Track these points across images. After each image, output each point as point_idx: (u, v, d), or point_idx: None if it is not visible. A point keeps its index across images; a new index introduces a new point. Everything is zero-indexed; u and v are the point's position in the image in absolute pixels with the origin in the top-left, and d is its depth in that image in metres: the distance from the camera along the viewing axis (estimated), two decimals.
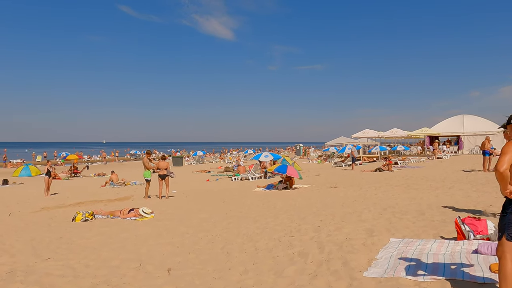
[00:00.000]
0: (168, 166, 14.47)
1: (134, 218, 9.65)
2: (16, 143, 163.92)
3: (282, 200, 11.80)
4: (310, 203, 10.84)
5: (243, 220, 8.79)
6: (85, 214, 9.68)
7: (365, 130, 40.05)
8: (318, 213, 9.18)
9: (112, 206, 12.84)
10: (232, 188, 16.88)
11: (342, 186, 14.72)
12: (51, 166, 17.39)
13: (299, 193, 13.61)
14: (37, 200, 15.47)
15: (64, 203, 13.85)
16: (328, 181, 17.61)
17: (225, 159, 45.24)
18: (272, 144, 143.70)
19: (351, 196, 12.03)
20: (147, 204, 12.79)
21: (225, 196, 13.76)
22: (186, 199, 13.82)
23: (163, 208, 11.41)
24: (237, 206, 11.08)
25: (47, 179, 16.93)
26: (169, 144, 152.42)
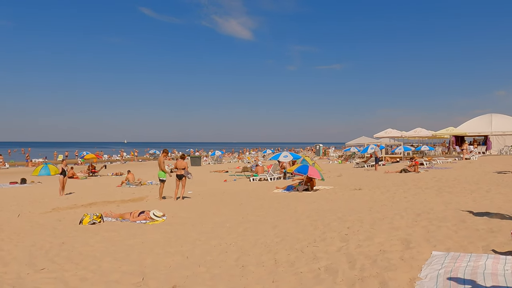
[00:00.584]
0: (187, 166, 13.72)
1: (144, 222, 8.95)
2: (44, 143, 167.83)
3: (303, 203, 10.92)
4: (334, 207, 9.92)
5: (261, 226, 7.96)
6: (93, 216, 9.04)
7: (388, 129, 38.60)
8: (344, 218, 8.26)
9: (124, 207, 12.24)
10: (250, 189, 16.07)
11: (367, 188, 13.71)
12: (66, 166, 16.98)
13: (321, 195, 12.68)
14: (51, 200, 15.05)
15: (77, 204, 13.34)
16: (351, 182, 16.59)
17: (243, 159, 44.53)
18: (290, 144, 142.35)
19: (378, 199, 11.04)
20: (161, 205, 12.11)
21: (242, 198, 12.96)
22: (201, 200, 13.08)
23: (176, 211, 10.69)
24: (254, 209, 10.26)
25: (61, 179, 16.52)
26: (188, 144, 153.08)
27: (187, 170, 13.57)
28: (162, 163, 13.68)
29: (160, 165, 13.70)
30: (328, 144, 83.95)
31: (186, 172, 13.47)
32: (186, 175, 13.45)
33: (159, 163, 13.78)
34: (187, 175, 13.48)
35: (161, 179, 13.67)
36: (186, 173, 13.46)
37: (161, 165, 13.67)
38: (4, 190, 19.32)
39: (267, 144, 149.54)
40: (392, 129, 38.60)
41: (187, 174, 13.48)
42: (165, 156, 14.03)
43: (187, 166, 13.70)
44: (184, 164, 13.61)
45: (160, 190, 13.75)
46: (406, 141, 41.75)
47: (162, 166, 13.67)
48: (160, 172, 13.65)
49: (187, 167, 13.69)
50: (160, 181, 13.71)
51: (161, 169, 13.64)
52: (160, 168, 13.70)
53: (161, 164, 13.69)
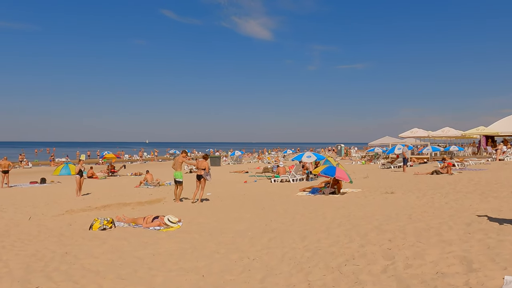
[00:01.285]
0: (207, 166, 12.79)
1: (158, 228, 8.11)
2: (71, 143, 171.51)
3: (332, 208, 9.86)
4: (368, 213, 8.83)
5: (288, 236, 6.97)
6: (103, 222, 8.26)
7: (414, 129, 36.85)
8: (382, 228, 7.19)
9: (140, 210, 11.49)
10: (272, 191, 15.09)
11: (399, 192, 12.52)
12: (83, 166, 16.42)
13: (350, 199, 11.59)
14: (67, 201, 14.50)
15: (91, 206, 12.68)
16: (380, 184, 15.39)
17: (263, 159, 43.57)
18: (310, 144, 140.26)
19: (415, 204, 9.88)
20: (178, 208, 11.30)
21: (264, 201, 11.99)
22: (221, 203, 12.19)
23: (193, 215, 9.82)
24: (278, 215, 9.28)
25: (78, 179, 15.98)
26: (208, 144, 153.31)
27: (207, 171, 12.69)
28: (179, 164, 12.88)
29: (176, 165, 12.94)
30: (349, 144, 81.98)
31: (205, 174, 12.60)
32: (205, 176, 12.58)
33: (176, 163, 13.01)
34: (206, 177, 12.62)
35: (178, 180, 12.86)
36: (205, 175, 12.59)
37: (177, 166, 12.91)
38: (23, 190, 19.00)
39: (287, 144, 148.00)
40: (418, 129, 36.84)
41: (205, 176, 12.61)
42: (184, 157, 13.17)
43: (208, 167, 12.79)
44: (205, 164, 12.73)
45: (176, 192, 12.96)
46: (432, 141, 39.88)
47: (177, 166, 12.91)
48: (177, 173, 12.86)
49: (207, 167, 12.78)
50: (177, 182, 12.89)
51: (177, 169, 12.86)
52: (176, 168, 12.92)
53: (177, 164, 12.94)
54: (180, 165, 12.90)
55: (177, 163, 12.92)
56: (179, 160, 12.93)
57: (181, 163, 12.89)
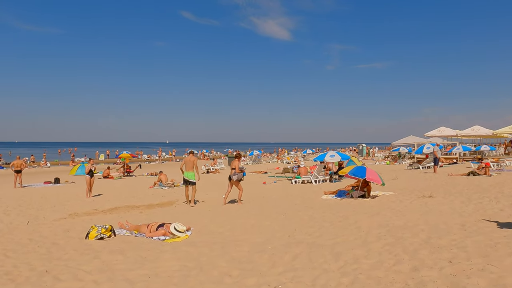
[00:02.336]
0: (237, 166, 11.50)
1: (162, 238, 6.87)
2: (93, 143, 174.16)
3: (365, 215, 8.42)
4: (410, 223, 7.36)
5: (317, 252, 5.61)
6: (101, 230, 7.09)
7: (440, 128, 34.78)
8: (433, 242, 5.75)
9: (149, 214, 10.34)
10: (293, 193, 13.71)
11: (439, 195, 10.94)
12: (93, 166, 15.46)
13: (383, 204, 10.11)
14: (75, 202, 13.53)
15: (98, 209, 11.63)
16: (413, 187, 13.79)
17: (282, 159, 42.12)
18: (330, 144, 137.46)
19: (464, 212, 8.33)
20: (189, 213, 10.08)
21: (286, 206, 10.64)
22: (237, 208, 10.91)
23: (205, 222, 8.56)
24: (303, 223, 7.91)
25: (88, 180, 15.01)
26: (227, 144, 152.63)
27: (235, 172, 11.42)
28: (191, 164, 11.96)
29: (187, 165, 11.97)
30: (369, 144, 79.47)
31: (233, 174, 11.42)
32: (232, 176, 11.41)
33: (187, 164, 12.02)
34: (232, 176, 11.45)
35: (191, 181, 11.85)
36: (233, 174, 11.40)
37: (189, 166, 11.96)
38: (35, 190, 18.22)
39: (305, 144, 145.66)
40: (445, 128, 34.74)
41: (232, 176, 11.42)
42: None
43: (237, 167, 11.49)
44: (235, 164, 11.52)
45: (188, 193, 12.05)
46: (459, 140, 37.58)
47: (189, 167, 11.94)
48: (189, 173, 11.86)
49: (237, 167, 11.48)
50: (189, 183, 11.89)
51: (188, 170, 11.89)
52: (187, 169, 11.92)
53: (188, 165, 11.96)
54: (192, 166, 11.95)
55: (189, 163, 11.98)
56: (191, 160, 12.02)
57: (193, 163, 11.96)
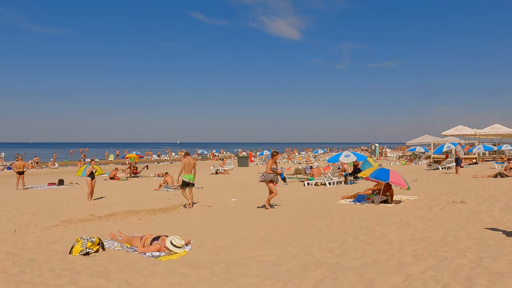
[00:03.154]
0: (269, 166, 10.23)
1: (157, 254, 5.80)
2: (105, 144, 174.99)
3: (393, 226, 7.22)
4: (449, 236, 6.16)
5: (343, 278, 4.46)
6: (87, 243, 6.04)
7: (458, 126, 33.18)
8: (487, 266, 4.55)
9: (149, 221, 9.33)
10: (307, 197, 12.55)
11: (472, 201, 9.67)
12: (95, 168, 14.53)
13: (410, 211, 8.88)
14: (74, 206, 12.62)
15: (95, 214, 10.65)
16: (437, 190, 12.51)
17: (293, 159, 40.89)
18: (341, 144, 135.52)
19: (508, 222, 7.07)
20: (192, 220, 9.01)
21: (300, 212, 9.50)
22: (246, 214, 9.80)
23: (208, 233, 7.47)
24: (321, 235, 6.77)
25: (89, 182, 14.10)
26: (236, 144, 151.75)
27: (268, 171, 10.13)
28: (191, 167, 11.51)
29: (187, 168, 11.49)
30: (381, 144, 77.62)
31: (262, 175, 10.34)
32: (260, 177, 10.43)
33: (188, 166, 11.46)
34: (260, 178, 10.43)
35: (192, 183, 11.51)
36: (261, 175, 10.34)
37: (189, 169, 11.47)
38: (37, 192, 17.41)
39: (315, 144, 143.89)
40: (463, 126, 33.13)
41: (261, 177, 10.38)
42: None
43: (268, 167, 10.22)
44: (269, 164, 10.25)
45: (186, 194, 11.55)
46: (477, 139, 35.89)
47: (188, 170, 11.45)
48: (190, 176, 11.44)
49: (268, 167, 10.22)
50: (190, 185, 11.44)
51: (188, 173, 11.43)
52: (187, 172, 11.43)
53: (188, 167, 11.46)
54: (192, 169, 11.46)
55: (189, 166, 11.45)
56: (190, 163, 11.50)
57: (193, 165, 11.50)
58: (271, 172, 10.08)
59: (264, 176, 10.18)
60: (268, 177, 10.08)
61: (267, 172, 10.09)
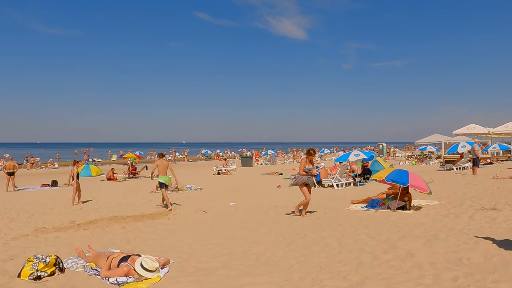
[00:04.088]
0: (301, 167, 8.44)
1: (123, 281, 4.53)
2: (109, 144, 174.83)
3: (418, 241, 5.87)
4: (492, 256, 4.80)
5: None
6: (38, 265, 4.79)
7: (470, 125, 31.52)
8: None
9: (133, 229, 8.11)
10: (313, 201, 11.18)
11: (504, 208, 8.28)
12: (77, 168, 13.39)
13: (434, 220, 7.52)
14: (59, 211, 11.49)
15: (76, 221, 9.45)
16: (458, 193, 11.13)
17: (298, 159, 39.50)
18: (347, 144, 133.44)
19: None
20: (179, 231, 7.74)
21: (305, 221, 8.19)
22: (243, 222, 8.51)
23: (194, 247, 6.19)
24: (331, 254, 5.45)
25: (75, 184, 12.98)
26: (241, 144, 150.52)
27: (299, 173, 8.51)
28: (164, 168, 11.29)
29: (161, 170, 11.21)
30: (388, 143, 75.85)
31: (293, 178, 8.76)
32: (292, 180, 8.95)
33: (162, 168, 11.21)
34: (292, 181, 8.91)
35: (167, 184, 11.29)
36: (293, 178, 8.81)
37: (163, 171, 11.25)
38: (27, 194, 16.29)
39: (321, 143, 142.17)
40: (475, 125, 31.49)
41: (293, 180, 8.86)
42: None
43: (301, 167, 8.49)
44: (301, 163, 8.58)
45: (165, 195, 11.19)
46: (490, 138, 34.22)
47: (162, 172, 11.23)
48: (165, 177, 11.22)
49: (300, 168, 8.49)
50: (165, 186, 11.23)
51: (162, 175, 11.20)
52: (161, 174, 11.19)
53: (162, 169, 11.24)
54: (166, 170, 11.25)
55: (163, 167, 11.20)
56: (164, 165, 11.28)
57: (167, 167, 11.33)
58: (305, 174, 8.37)
59: (296, 178, 8.56)
60: (301, 180, 8.43)
61: (300, 173, 8.45)
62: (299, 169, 8.55)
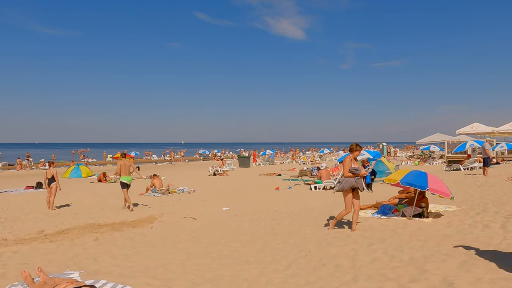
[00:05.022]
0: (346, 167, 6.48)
1: None
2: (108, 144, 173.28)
3: (450, 261, 4.64)
4: None
5: None
6: None
7: (474, 124, 30.41)
8: None
9: (108, 241, 6.92)
10: (316, 206, 10.00)
11: None
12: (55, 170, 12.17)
13: (460, 231, 6.29)
14: (34, 216, 10.32)
15: (46, 230, 8.23)
16: (474, 196, 9.92)
17: (297, 159, 38.27)
18: (346, 144, 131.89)
19: None
20: (160, 243, 6.50)
21: (308, 232, 6.97)
22: (237, 231, 7.29)
23: (171, 272, 4.94)
24: (344, 279, 4.22)
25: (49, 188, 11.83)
26: (239, 144, 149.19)
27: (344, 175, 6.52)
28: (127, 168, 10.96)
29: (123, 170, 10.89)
30: (387, 143, 74.66)
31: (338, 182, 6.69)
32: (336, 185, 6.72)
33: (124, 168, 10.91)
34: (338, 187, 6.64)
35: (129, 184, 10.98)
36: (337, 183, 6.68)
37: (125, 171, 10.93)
38: (7, 197, 15.03)
39: (320, 144, 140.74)
40: (479, 124, 30.36)
41: (338, 185, 6.64)
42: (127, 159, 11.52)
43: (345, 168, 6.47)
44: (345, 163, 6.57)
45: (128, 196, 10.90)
46: (490, 137, 33.07)
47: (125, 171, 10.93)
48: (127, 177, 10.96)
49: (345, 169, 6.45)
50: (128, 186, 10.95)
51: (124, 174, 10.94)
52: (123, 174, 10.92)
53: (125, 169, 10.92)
54: (128, 170, 10.95)
55: (125, 167, 10.88)
56: (127, 165, 10.94)
57: (129, 167, 10.99)
58: (352, 175, 6.41)
59: (342, 183, 6.47)
60: (348, 183, 6.41)
61: (345, 175, 6.43)
62: (343, 170, 6.54)
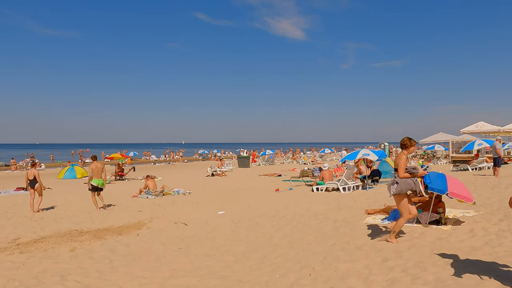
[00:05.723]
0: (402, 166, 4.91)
1: None
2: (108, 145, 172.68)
3: (486, 284, 3.82)
4: None
5: None
6: None
7: (479, 123, 29.49)
8: None
9: (86, 252, 6.09)
10: (319, 210, 9.15)
11: None
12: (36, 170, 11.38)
13: (487, 242, 5.44)
14: (16, 220, 9.58)
15: (21, 238, 7.41)
16: (492, 199, 9.11)
17: (298, 159, 37.39)
18: (346, 144, 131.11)
19: None
20: (145, 255, 5.66)
21: (312, 242, 6.12)
22: (231, 240, 6.45)
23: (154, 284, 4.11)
24: None
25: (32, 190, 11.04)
26: (239, 144, 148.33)
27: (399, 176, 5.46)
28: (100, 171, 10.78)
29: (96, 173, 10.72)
30: (389, 143, 73.66)
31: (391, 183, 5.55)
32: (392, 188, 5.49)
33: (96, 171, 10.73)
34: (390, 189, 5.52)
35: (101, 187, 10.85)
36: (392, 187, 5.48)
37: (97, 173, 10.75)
38: None
39: (319, 144, 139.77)
40: (485, 123, 29.45)
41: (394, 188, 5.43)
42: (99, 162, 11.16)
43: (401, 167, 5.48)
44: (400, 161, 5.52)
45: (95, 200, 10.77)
46: (493, 136, 32.18)
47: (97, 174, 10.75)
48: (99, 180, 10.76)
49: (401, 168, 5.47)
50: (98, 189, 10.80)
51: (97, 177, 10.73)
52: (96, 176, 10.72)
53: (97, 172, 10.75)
54: (101, 173, 10.76)
55: (98, 170, 10.72)
56: (99, 167, 10.77)
57: (101, 170, 10.81)
58: (409, 176, 5.43)
59: (398, 185, 5.36)
60: (407, 186, 5.38)
61: (401, 175, 5.36)
62: (398, 170, 5.41)
